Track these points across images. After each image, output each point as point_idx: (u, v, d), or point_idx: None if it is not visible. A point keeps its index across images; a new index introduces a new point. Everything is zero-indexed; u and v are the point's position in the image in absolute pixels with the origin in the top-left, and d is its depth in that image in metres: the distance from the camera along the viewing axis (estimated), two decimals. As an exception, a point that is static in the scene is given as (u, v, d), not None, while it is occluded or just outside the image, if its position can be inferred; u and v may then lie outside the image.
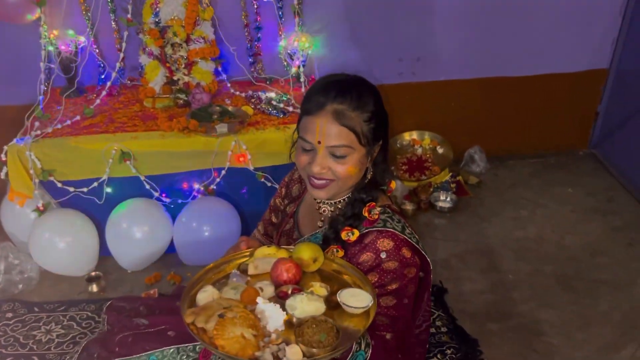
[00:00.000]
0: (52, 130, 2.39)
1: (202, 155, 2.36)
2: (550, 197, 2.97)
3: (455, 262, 2.51)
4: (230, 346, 1.16)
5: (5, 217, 2.45)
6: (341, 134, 1.37)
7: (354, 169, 1.41)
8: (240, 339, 1.17)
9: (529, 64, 3.09)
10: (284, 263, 1.36)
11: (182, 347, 1.50)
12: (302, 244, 1.44)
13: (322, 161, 1.39)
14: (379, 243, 1.41)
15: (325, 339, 1.20)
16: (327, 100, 1.37)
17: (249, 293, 1.29)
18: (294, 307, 1.26)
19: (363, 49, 2.92)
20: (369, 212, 1.44)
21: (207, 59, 2.61)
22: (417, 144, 3.10)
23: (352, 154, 1.39)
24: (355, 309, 1.28)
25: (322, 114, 1.37)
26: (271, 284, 1.35)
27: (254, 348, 1.18)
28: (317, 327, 1.22)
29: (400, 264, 1.40)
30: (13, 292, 2.31)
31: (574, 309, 2.24)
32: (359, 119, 1.38)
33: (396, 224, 1.44)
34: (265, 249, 1.44)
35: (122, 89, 2.74)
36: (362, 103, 1.39)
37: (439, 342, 2.07)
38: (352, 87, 1.40)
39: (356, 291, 1.32)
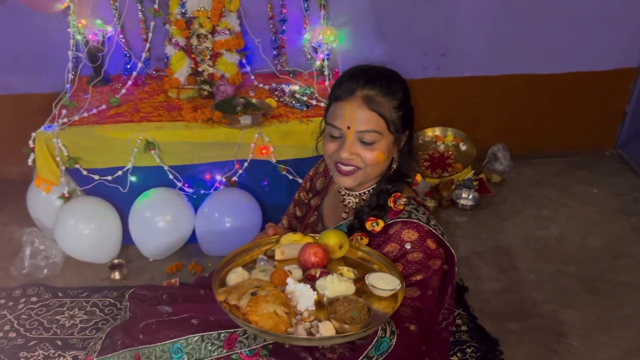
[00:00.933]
0: (79, 118, 2.42)
1: (225, 146, 2.37)
2: (574, 197, 2.93)
3: (475, 261, 2.49)
4: (263, 322, 1.19)
5: (32, 203, 2.49)
6: (371, 119, 1.38)
7: (382, 156, 1.42)
8: (273, 315, 1.20)
9: (556, 62, 3.04)
10: (312, 247, 1.39)
11: (207, 335, 1.50)
12: (328, 230, 1.47)
13: (351, 147, 1.40)
14: (403, 234, 1.42)
15: (357, 317, 1.22)
16: (357, 87, 1.39)
17: (279, 274, 1.32)
18: (325, 287, 1.28)
19: (388, 43, 2.90)
20: (394, 202, 1.44)
21: (232, 51, 2.61)
22: (439, 140, 3.08)
23: (381, 141, 1.40)
24: (384, 291, 1.29)
25: (352, 99, 1.38)
26: (299, 268, 1.38)
27: (286, 324, 1.21)
28: (349, 305, 1.24)
29: (425, 255, 1.41)
30: (38, 277, 2.36)
31: (596, 311, 2.22)
32: (388, 105, 1.40)
33: (421, 215, 1.44)
34: (292, 235, 1.47)
35: (147, 79, 2.76)
36: (392, 90, 1.41)
37: (459, 340, 2.06)
38: (381, 75, 1.43)
39: (384, 275, 1.35)
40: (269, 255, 1.46)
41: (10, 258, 2.45)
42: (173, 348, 1.53)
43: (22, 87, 2.84)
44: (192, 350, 1.50)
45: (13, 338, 2.07)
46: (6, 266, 2.41)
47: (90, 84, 2.60)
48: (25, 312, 2.18)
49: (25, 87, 2.84)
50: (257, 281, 1.32)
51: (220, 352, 1.47)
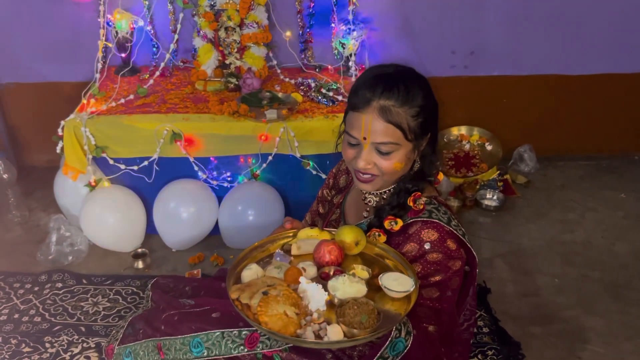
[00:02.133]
0: (107, 108, 2.44)
1: (251, 140, 2.38)
2: (601, 201, 2.87)
3: (499, 263, 2.46)
4: (273, 323, 1.19)
5: (59, 190, 2.53)
6: (387, 131, 1.35)
7: (399, 165, 1.40)
8: (282, 317, 1.20)
9: (588, 63, 2.98)
10: (326, 245, 1.38)
11: (227, 332, 1.50)
12: (345, 227, 1.45)
13: (367, 157, 1.38)
14: (423, 234, 1.40)
15: (366, 321, 1.21)
16: (373, 96, 1.35)
17: (292, 272, 1.32)
18: (336, 288, 1.28)
19: (415, 40, 2.88)
20: (414, 201, 1.42)
21: (259, 44, 2.61)
22: (465, 139, 3.05)
23: (398, 150, 1.38)
24: (397, 292, 1.28)
25: (368, 110, 1.35)
26: (314, 265, 1.37)
27: (295, 326, 1.21)
28: (358, 308, 1.23)
29: (445, 255, 1.39)
30: (63, 263, 2.40)
31: (622, 319, 2.17)
32: (406, 115, 1.36)
33: (442, 215, 1.42)
34: (309, 230, 1.46)
35: (175, 71, 2.78)
36: (410, 98, 1.36)
37: (480, 342, 2.04)
38: (399, 82, 1.37)
39: (398, 275, 1.33)
40: (286, 250, 1.46)
41: (37, 244, 2.49)
42: (193, 342, 1.53)
43: (52, 75, 2.88)
44: (212, 346, 1.50)
45: (38, 322, 2.10)
46: (33, 252, 2.45)
47: (119, 74, 2.63)
48: (51, 297, 2.22)
49: (55, 76, 2.88)
50: (270, 279, 1.32)
51: (242, 350, 1.47)
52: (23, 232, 2.62)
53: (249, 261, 1.42)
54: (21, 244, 2.54)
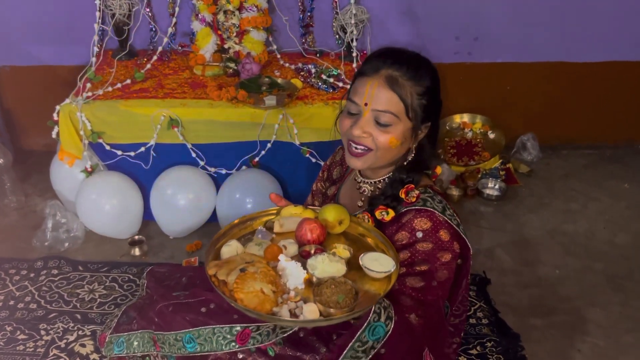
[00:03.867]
0: (103, 92, 2.40)
1: (249, 126, 2.34)
2: (604, 191, 2.84)
3: (499, 253, 2.44)
4: (248, 300, 1.18)
5: (55, 176, 2.50)
6: (390, 100, 1.34)
7: (395, 141, 1.37)
8: (259, 294, 1.20)
9: (593, 50, 2.92)
10: (309, 223, 1.37)
11: (218, 328, 1.49)
12: (329, 205, 1.45)
13: (365, 125, 1.37)
14: (415, 222, 1.37)
15: (343, 300, 1.21)
16: (383, 65, 1.35)
17: (272, 250, 1.32)
18: (315, 266, 1.27)
19: (419, 25, 2.82)
20: (406, 194, 1.39)
21: (259, 28, 2.56)
22: (467, 127, 3.00)
23: (397, 125, 1.36)
24: (377, 273, 1.28)
25: (375, 76, 1.35)
26: (295, 243, 1.37)
27: (272, 303, 1.20)
28: (336, 287, 1.23)
29: (435, 246, 1.36)
30: (59, 250, 2.37)
31: (623, 311, 2.15)
32: (411, 90, 1.35)
33: (436, 204, 1.39)
34: (292, 208, 1.46)
35: (173, 55, 2.73)
36: (419, 75, 1.36)
37: (479, 334, 2.02)
38: (411, 59, 1.38)
39: (379, 255, 1.33)
40: (268, 227, 1.45)
41: (32, 230, 2.46)
42: (186, 338, 1.52)
43: (48, 58, 2.84)
44: (204, 342, 1.49)
45: (34, 309, 2.09)
46: (29, 237, 2.43)
47: (116, 58, 2.58)
48: (46, 284, 2.20)
49: (51, 59, 2.83)
50: (249, 256, 1.31)
51: (233, 347, 1.45)
52: (19, 217, 2.60)
53: (230, 238, 1.42)
54: (17, 229, 2.52)
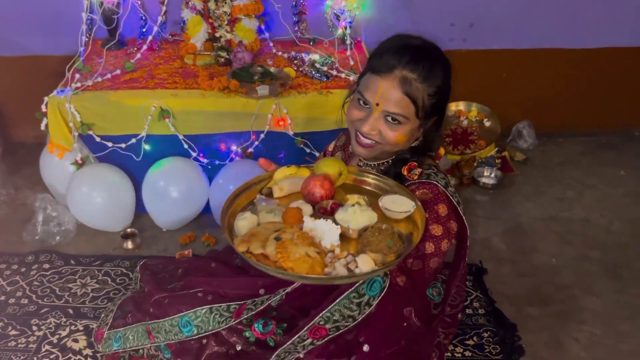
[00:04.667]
0: (93, 83, 2.35)
1: (242, 116, 2.30)
2: (600, 179, 2.82)
3: (496, 242, 2.42)
4: (298, 267, 1.12)
5: (45, 168, 2.46)
6: (402, 102, 1.33)
7: (403, 138, 1.38)
8: (306, 258, 1.13)
9: (589, 37, 2.90)
10: (316, 179, 1.33)
11: (216, 307, 1.48)
12: (325, 159, 1.43)
13: (375, 123, 1.36)
14: (417, 194, 1.37)
15: (393, 244, 1.18)
16: (398, 64, 1.32)
17: (293, 213, 1.25)
18: (348, 219, 1.24)
19: (413, 11, 2.78)
20: (408, 170, 1.40)
21: (250, 16, 2.51)
22: (463, 115, 2.97)
23: (406, 124, 1.36)
24: (398, 213, 1.26)
25: (390, 77, 1.33)
26: (305, 203, 1.31)
27: (322, 265, 1.15)
28: (380, 234, 1.20)
29: (430, 217, 1.35)
30: (50, 244, 2.34)
31: (620, 299, 2.14)
32: (423, 92, 1.34)
33: (440, 179, 1.40)
34: (286, 169, 1.40)
35: (163, 44, 2.68)
36: (432, 76, 1.34)
37: (476, 324, 2.01)
38: (426, 57, 1.35)
39: (397, 197, 1.32)
40: (266, 194, 1.38)
41: (23, 223, 2.43)
42: (182, 322, 1.51)
43: (36, 48, 2.78)
44: (201, 323, 1.48)
45: (25, 304, 2.06)
46: (19, 231, 2.39)
47: (105, 47, 2.53)
48: (38, 278, 2.17)
49: (39, 49, 2.78)
50: (273, 224, 1.24)
51: (229, 321, 1.44)
52: (9, 211, 2.56)
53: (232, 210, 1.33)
54: (7, 223, 2.48)
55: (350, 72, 2.44)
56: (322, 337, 1.33)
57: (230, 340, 1.47)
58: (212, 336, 1.49)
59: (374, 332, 1.34)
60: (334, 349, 1.35)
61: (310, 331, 1.33)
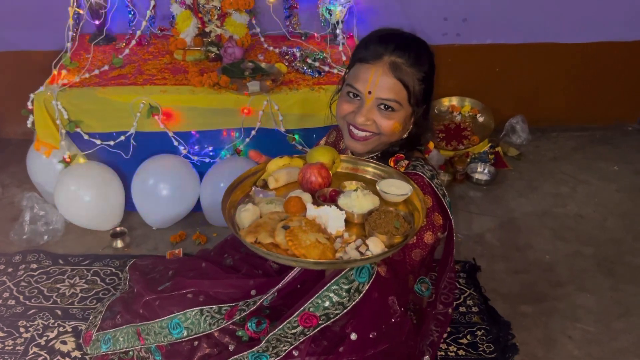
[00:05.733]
0: (80, 79, 2.31)
1: (233, 113, 2.27)
2: (593, 174, 2.81)
3: (489, 238, 2.41)
4: (310, 253, 1.13)
5: (32, 166, 2.41)
6: (394, 87, 1.33)
7: (398, 126, 1.37)
8: (317, 244, 1.15)
9: (584, 31, 2.88)
10: (313, 167, 1.33)
11: (207, 308, 1.46)
12: (317, 148, 1.43)
13: (368, 113, 1.36)
14: None
15: (400, 225, 1.20)
16: (385, 51, 1.33)
17: (294, 202, 1.26)
18: (352, 205, 1.25)
19: (406, 6, 2.75)
20: (395, 162, 1.40)
21: (241, 11, 2.48)
22: (456, 110, 2.95)
23: (400, 111, 1.36)
24: (396, 196, 1.27)
25: (379, 64, 1.32)
26: (303, 192, 1.31)
27: (333, 251, 1.17)
28: (385, 217, 1.21)
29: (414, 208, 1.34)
30: (38, 243, 2.30)
31: (614, 296, 2.13)
32: (413, 76, 1.34)
33: (426, 171, 1.40)
34: (279, 160, 1.41)
35: (152, 39, 2.64)
36: (420, 61, 1.35)
37: (469, 322, 1.99)
38: (412, 43, 1.37)
39: (393, 181, 1.33)
40: (261, 186, 1.39)
41: (10, 222, 2.39)
42: (171, 324, 1.48)
43: (22, 43, 2.74)
44: (191, 325, 1.46)
45: (12, 306, 2.02)
46: (7, 230, 2.35)
47: (92, 43, 2.48)
48: (25, 279, 2.13)
49: (26, 44, 2.74)
50: (278, 214, 1.25)
51: (221, 323, 1.42)
52: (-4, 209, 2.52)
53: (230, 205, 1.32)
54: (-6, 222, 2.44)
55: (343, 68, 2.41)
56: (312, 326, 1.31)
57: (223, 341, 1.45)
58: (203, 338, 1.47)
59: (361, 319, 1.33)
60: (327, 345, 1.33)
61: (301, 318, 1.31)
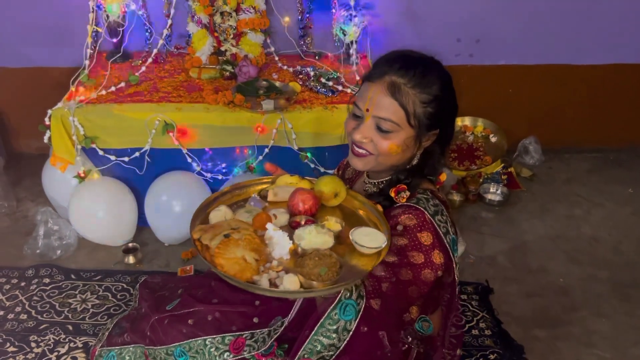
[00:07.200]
0: (97, 96, 2.34)
1: (246, 131, 2.28)
2: (608, 196, 2.79)
3: (502, 260, 2.39)
4: (229, 266, 1.16)
5: (47, 181, 2.44)
6: (390, 108, 1.29)
7: (395, 148, 1.32)
8: (240, 261, 1.17)
9: (596, 53, 2.88)
10: (302, 193, 1.34)
11: (210, 338, 1.45)
12: (326, 177, 1.42)
13: (366, 130, 1.33)
14: (402, 217, 1.31)
15: (325, 274, 1.16)
16: (389, 70, 1.30)
17: (261, 218, 1.28)
18: (302, 237, 1.24)
19: (419, 26, 2.76)
20: (396, 192, 1.34)
21: (256, 30, 2.51)
22: (468, 130, 2.95)
23: (398, 132, 1.31)
24: (367, 248, 1.24)
25: (379, 82, 1.30)
26: (286, 213, 1.33)
27: (253, 272, 1.17)
28: (319, 260, 1.19)
29: (410, 244, 1.28)
30: (51, 257, 2.31)
31: (630, 321, 2.10)
32: (414, 98, 1.29)
33: (430, 206, 1.32)
34: (288, 177, 1.43)
35: (168, 57, 2.67)
36: (425, 82, 1.29)
37: (482, 345, 1.97)
38: (419, 64, 1.31)
39: (371, 230, 1.28)
40: (263, 195, 1.42)
41: (24, 236, 2.41)
42: (177, 351, 1.48)
43: (41, 60, 2.78)
44: (195, 354, 1.46)
45: (24, 320, 2.03)
46: (20, 244, 2.37)
47: (110, 60, 2.52)
48: (37, 293, 2.14)
49: (44, 61, 2.78)
50: (237, 222, 1.27)
51: (228, 356, 1.41)
52: (10, 223, 2.54)
53: (220, 203, 1.37)
54: (8, 236, 2.46)
55: (356, 87, 2.42)
56: None
57: None
58: None
59: (353, 355, 1.29)
60: None
61: None
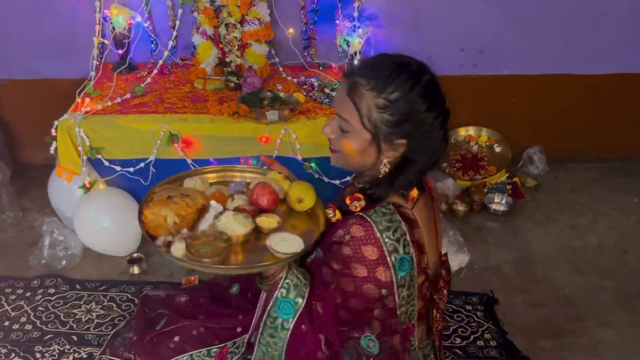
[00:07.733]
0: (102, 107, 2.36)
1: (251, 141, 2.29)
2: (613, 206, 2.78)
3: (507, 270, 2.38)
4: (149, 220, 1.28)
5: (53, 191, 2.45)
6: (345, 106, 1.28)
7: (351, 149, 1.29)
8: (160, 219, 1.27)
9: (600, 62, 2.88)
10: (262, 187, 1.40)
11: (195, 353, 1.47)
12: (299, 182, 1.46)
13: (331, 125, 1.34)
14: (353, 227, 1.26)
15: (204, 253, 1.22)
16: (358, 71, 1.30)
17: (214, 194, 1.39)
18: (221, 219, 1.31)
19: (423, 36, 2.78)
20: (350, 201, 1.30)
21: (261, 42, 2.52)
22: (473, 140, 2.95)
23: (353, 132, 1.28)
24: (279, 253, 1.27)
25: (345, 81, 1.31)
26: (244, 198, 1.41)
27: (165, 231, 1.27)
28: (214, 240, 1.26)
29: (353, 255, 1.24)
30: (56, 268, 2.32)
31: (636, 331, 2.09)
32: (370, 100, 1.24)
33: (383, 222, 1.26)
34: (276, 174, 1.50)
35: (174, 68, 2.69)
36: (385, 87, 1.23)
37: (487, 356, 1.96)
38: (387, 69, 1.25)
39: (291, 236, 1.31)
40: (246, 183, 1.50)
41: (29, 246, 2.42)
42: None
43: (47, 72, 2.80)
44: None
45: (29, 331, 2.03)
46: (26, 254, 2.38)
47: (116, 71, 2.54)
48: (42, 304, 2.15)
49: (51, 72, 2.80)
50: (192, 191, 1.38)
51: None
52: (16, 233, 2.55)
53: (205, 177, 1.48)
54: (14, 246, 2.47)
55: (360, 98, 2.43)
56: None
57: None
58: None
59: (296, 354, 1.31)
60: None
61: None
